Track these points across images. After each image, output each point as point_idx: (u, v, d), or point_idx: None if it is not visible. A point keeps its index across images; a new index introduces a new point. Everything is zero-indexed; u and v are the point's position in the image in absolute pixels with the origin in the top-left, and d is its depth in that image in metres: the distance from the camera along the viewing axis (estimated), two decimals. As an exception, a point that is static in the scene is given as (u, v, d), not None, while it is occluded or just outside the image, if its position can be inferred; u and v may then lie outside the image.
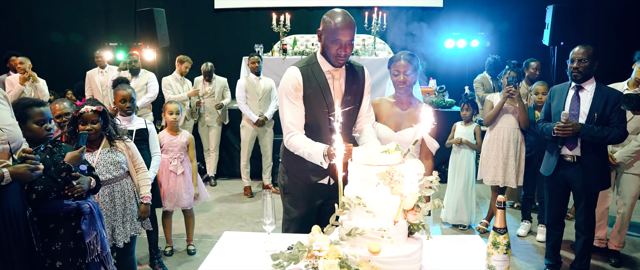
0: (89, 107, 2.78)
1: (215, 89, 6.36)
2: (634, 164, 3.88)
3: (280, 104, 2.53)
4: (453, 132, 4.87)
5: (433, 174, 1.83)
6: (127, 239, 3.00)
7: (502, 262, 1.69)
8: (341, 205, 1.75)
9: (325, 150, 2.32)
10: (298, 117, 2.48)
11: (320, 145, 2.38)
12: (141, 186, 3.10)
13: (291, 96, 2.46)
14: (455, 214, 4.76)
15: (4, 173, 1.95)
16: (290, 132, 2.48)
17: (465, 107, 4.82)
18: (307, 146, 2.40)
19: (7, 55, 6.34)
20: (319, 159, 2.35)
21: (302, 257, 1.71)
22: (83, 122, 2.77)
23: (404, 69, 2.80)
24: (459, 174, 4.76)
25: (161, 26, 6.89)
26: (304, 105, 2.49)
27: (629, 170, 3.90)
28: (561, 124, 3.21)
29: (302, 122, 2.50)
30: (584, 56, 3.24)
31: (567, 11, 6.43)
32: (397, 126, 2.89)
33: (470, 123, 4.80)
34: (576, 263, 3.49)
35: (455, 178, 4.79)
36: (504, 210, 1.70)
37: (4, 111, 2.08)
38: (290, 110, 2.48)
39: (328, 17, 2.41)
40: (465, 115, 4.81)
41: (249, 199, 5.82)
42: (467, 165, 4.73)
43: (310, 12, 8.71)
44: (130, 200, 3.03)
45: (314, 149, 2.37)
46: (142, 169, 3.11)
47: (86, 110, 2.77)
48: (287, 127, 2.49)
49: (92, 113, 2.78)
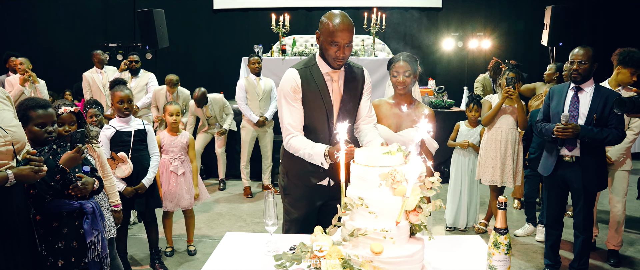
0: (67, 108, 2.68)
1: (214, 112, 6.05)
2: (625, 161, 3.95)
3: (279, 105, 2.54)
4: (455, 132, 4.75)
5: (434, 175, 1.84)
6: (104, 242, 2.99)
7: (503, 263, 1.70)
8: (343, 206, 1.77)
9: (326, 150, 2.33)
10: (296, 118, 2.49)
11: (320, 145, 2.38)
12: (110, 194, 3.04)
13: (289, 98, 2.47)
14: (455, 217, 4.72)
15: (8, 174, 1.95)
16: (289, 134, 2.49)
17: (474, 108, 4.64)
18: (308, 147, 2.41)
19: (6, 56, 6.33)
20: (320, 159, 2.36)
21: (304, 257, 1.73)
22: (61, 123, 2.64)
23: (403, 70, 2.81)
24: (463, 177, 4.66)
25: (160, 27, 6.90)
26: (303, 107, 2.50)
27: (622, 168, 3.95)
28: (561, 125, 3.23)
29: (300, 123, 2.51)
30: (584, 58, 3.26)
31: (565, 12, 6.47)
32: (397, 127, 2.90)
33: (477, 125, 4.67)
34: (575, 263, 3.51)
35: (459, 180, 4.69)
36: (505, 210, 1.72)
37: (6, 112, 2.08)
38: (289, 112, 2.49)
39: (326, 18, 2.41)
40: (473, 116, 4.64)
41: (249, 200, 5.83)
42: (472, 168, 4.63)
43: (310, 13, 8.73)
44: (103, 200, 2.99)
45: (315, 150, 2.38)
46: (109, 176, 3.03)
47: (64, 111, 2.66)
48: (286, 129, 2.50)
49: (69, 114, 2.68)
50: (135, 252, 4.18)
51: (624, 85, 3.85)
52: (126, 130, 3.49)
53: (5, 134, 2.00)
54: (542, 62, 7.20)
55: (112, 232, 3.02)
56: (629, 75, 3.79)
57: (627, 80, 3.81)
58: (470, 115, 4.67)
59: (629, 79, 3.81)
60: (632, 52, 3.76)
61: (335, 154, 2.27)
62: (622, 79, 3.83)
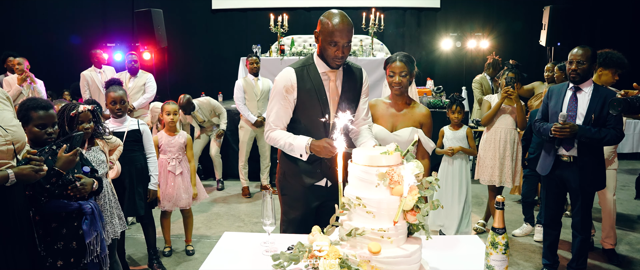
0: (85, 106, 2.79)
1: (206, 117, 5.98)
2: (614, 159, 4.02)
3: (270, 101, 2.57)
4: (441, 139, 4.30)
5: (432, 175, 1.84)
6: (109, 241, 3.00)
7: (500, 262, 1.70)
8: (341, 206, 1.76)
9: (309, 142, 2.37)
10: (281, 117, 2.52)
11: (303, 137, 2.42)
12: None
13: (280, 96, 2.49)
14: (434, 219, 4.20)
15: (9, 173, 1.95)
16: (270, 129, 2.54)
17: (457, 109, 4.23)
18: (290, 138, 2.45)
19: (4, 55, 6.32)
20: (300, 151, 2.40)
21: (302, 257, 1.72)
22: (80, 121, 2.77)
23: (399, 70, 2.81)
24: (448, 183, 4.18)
25: (159, 27, 6.90)
26: (299, 106, 2.51)
27: (611, 166, 4.00)
28: (559, 125, 3.23)
29: (284, 123, 2.54)
30: (583, 58, 3.26)
31: (564, 12, 6.49)
32: (394, 126, 2.90)
33: (460, 127, 4.26)
34: (573, 262, 3.51)
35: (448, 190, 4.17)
36: (503, 210, 1.72)
37: (6, 112, 2.08)
38: (275, 110, 2.52)
39: (325, 18, 2.41)
40: (457, 118, 4.24)
41: (247, 200, 5.82)
42: (459, 173, 4.17)
43: (308, 13, 8.73)
44: (110, 202, 3.03)
45: (297, 141, 2.42)
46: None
47: (84, 109, 2.77)
48: (268, 124, 2.55)
49: (87, 112, 2.80)
50: (133, 252, 4.18)
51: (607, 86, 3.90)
52: (119, 131, 3.46)
53: (5, 133, 2.00)
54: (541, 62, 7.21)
55: (116, 233, 3.04)
56: (611, 76, 3.89)
57: (610, 80, 3.90)
58: (453, 117, 4.25)
59: (612, 79, 3.90)
60: (610, 53, 3.86)
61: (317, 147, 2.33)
62: (606, 80, 3.90)
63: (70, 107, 2.77)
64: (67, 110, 2.75)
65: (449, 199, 4.15)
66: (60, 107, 3.07)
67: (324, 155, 2.37)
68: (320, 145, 2.36)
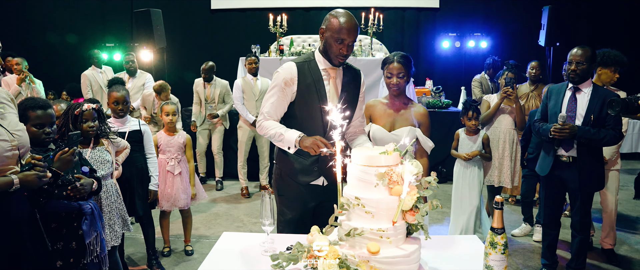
0: (90, 105, 2.82)
1: (215, 94, 6.07)
2: (617, 160, 3.99)
3: (268, 92, 2.56)
4: (456, 141, 4.14)
5: (431, 175, 1.84)
6: (117, 241, 3.01)
7: (499, 262, 1.70)
8: (340, 206, 1.76)
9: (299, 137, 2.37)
10: (276, 109, 2.52)
11: (295, 131, 2.41)
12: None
13: (279, 88, 2.50)
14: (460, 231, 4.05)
15: (13, 179, 1.94)
16: (263, 119, 2.53)
17: (474, 116, 4.01)
18: (282, 129, 2.45)
19: (3, 55, 6.30)
20: (288, 144, 2.40)
21: (301, 257, 1.72)
22: (84, 120, 2.80)
23: (396, 71, 2.81)
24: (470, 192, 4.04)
25: (158, 27, 6.89)
26: (297, 100, 2.52)
27: (614, 167, 3.98)
28: (558, 126, 3.23)
29: (278, 116, 2.54)
30: (582, 58, 3.26)
31: (562, 12, 6.49)
32: (391, 126, 2.90)
33: (477, 132, 4.09)
34: (572, 262, 3.51)
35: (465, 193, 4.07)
36: (502, 210, 1.72)
37: (13, 115, 2.07)
38: (272, 101, 2.52)
39: (333, 16, 2.45)
40: (473, 124, 4.03)
41: (246, 200, 5.82)
42: (478, 180, 4.06)
43: (307, 13, 8.73)
44: (116, 201, 3.03)
45: (288, 133, 2.41)
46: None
47: (88, 107, 2.80)
48: (261, 113, 2.54)
49: (91, 111, 2.83)
50: (132, 252, 4.17)
51: (607, 85, 3.90)
52: (121, 131, 3.46)
53: (12, 138, 1.99)
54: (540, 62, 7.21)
55: (117, 241, 3.04)
56: (610, 74, 3.88)
57: (609, 79, 3.90)
58: (470, 124, 4.04)
59: (611, 78, 3.90)
60: (608, 51, 3.86)
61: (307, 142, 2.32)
62: (605, 79, 3.90)
63: (75, 106, 2.80)
64: (72, 109, 2.80)
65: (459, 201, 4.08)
66: (59, 108, 3.08)
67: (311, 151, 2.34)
68: (310, 141, 2.33)
